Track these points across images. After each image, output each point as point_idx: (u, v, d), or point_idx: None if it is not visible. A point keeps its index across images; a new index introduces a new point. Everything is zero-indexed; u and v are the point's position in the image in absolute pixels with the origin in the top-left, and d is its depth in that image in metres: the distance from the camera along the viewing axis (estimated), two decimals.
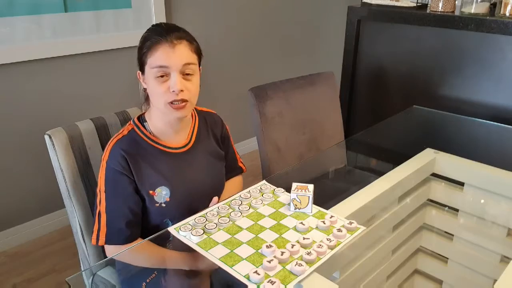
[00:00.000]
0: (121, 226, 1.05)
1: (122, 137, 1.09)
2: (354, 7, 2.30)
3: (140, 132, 1.11)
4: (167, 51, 1.03)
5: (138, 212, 1.09)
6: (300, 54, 3.35)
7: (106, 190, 1.06)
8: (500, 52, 1.87)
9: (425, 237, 1.49)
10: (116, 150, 1.07)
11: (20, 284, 1.92)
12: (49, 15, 2.00)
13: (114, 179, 1.06)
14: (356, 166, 1.68)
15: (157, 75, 1.04)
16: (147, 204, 1.09)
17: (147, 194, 1.09)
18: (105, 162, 1.06)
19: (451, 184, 1.40)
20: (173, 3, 2.45)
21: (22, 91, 2.03)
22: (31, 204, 2.19)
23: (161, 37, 1.03)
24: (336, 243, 0.93)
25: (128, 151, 1.07)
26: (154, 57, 1.03)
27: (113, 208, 1.06)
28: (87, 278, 1.02)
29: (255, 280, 0.82)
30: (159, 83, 1.04)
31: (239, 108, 2.74)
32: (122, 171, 1.06)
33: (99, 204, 1.06)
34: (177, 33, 1.05)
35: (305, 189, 1.04)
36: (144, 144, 1.11)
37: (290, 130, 1.76)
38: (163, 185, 1.10)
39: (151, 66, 1.04)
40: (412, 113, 1.92)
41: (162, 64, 1.03)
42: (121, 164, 1.06)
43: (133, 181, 1.07)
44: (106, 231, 1.05)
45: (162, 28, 1.06)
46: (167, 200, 1.10)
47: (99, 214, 1.06)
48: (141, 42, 1.07)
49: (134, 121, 1.13)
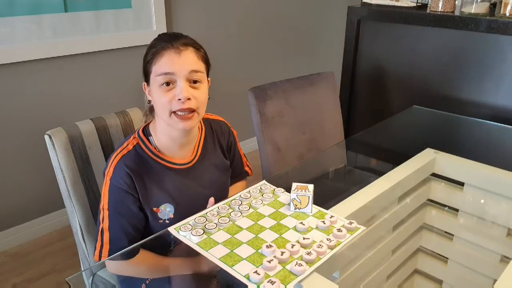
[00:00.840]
0: (124, 244, 1.03)
1: (127, 153, 1.05)
2: (354, 7, 2.30)
3: (145, 147, 1.08)
4: (172, 57, 0.99)
5: (141, 230, 1.07)
6: (300, 54, 3.35)
7: (109, 209, 1.03)
8: (500, 52, 1.87)
9: (425, 237, 1.49)
10: (120, 167, 1.03)
11: (20, 284, 1.92)
12: (49, 15, 2.00)
13: (118, 197, 1.03)
14: (356, 166, 1.68)
15: (162, 82, 0.99)
16: (150, 220, 1.08)
17: (150, 211, 1.07)
18: (109, 179, 1.03)
19: (451, 184, 1.40)
20: (173, 3, 2.45)
21: (22, 91, 2.03)
22: (31, 204, 2.19)
23: (166, 43, 1.00)
24: (336, 243, 0.93)
25: (133, 168, 1.04)
26: (158, 64, 0.99)
27: (116, 227, 1.03)
28: (87, 278, 1.02)
29: (255, 280, 0.82)
30: (164, 92, 1.00)
31: (239, 108, 2.74)
32: (126, 189, 1.03)
33: (101, 222, 1.04)
34: (183, 39, 1.02)
35: (305, 189, 1.04)
36: (149, 160, 1.07)
37: (290, 130, 1.76)
38: (167, 202, 1.08)
39: (156, 74, 1.00)
40: (412, 113, 1.92)
41: (167, 71, 0.99)
42: (126, 182, 1.02)
43: (138, 199, 1.05)
44: (108, 248, 1.03)
45: (167, 35, 1.03)
46: (171, 217, 1.08)
47: (102, 232, 1.04)
48: (146, 51, 1.04)
49: (139, 134, 1.09)
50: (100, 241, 1.04)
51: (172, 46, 1.00)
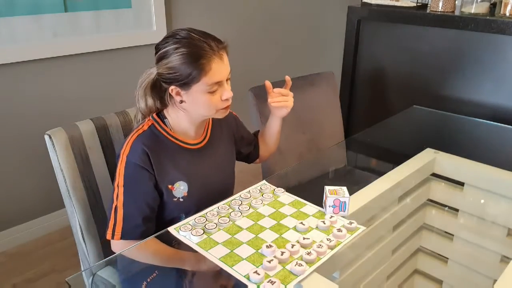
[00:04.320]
0: (138, 222, 1.05)
1: (143, 132, 1.09)
2: (354, 7, 2.30)
3: (160, 128, 1.11)
4: (219, 66, 1.03)
5: (155, 208, 1.09)
6: (300, 54, 3.35)
7: (125, 185, 1.05)
8: (500, 52, 1.87)
9: (425, 237, 1.49)
10: (137, 144, 1.06)
11: (20, 284, 1.92)
12: (49, 15, 2.00)
13: (134, 174, 1.05)
14: (356, 166, 1.68)
15: (212, 90, 1.04)
16: (165, 198, 1.10)
17: (166, 188, 1.09)
18: (126, 157, 1.05)
19: (451, 184, 1.40)
20: (173, 3, 2.45)
21: (22, 91, 2.03)
22: (31, 204, 2.19)
23: (210, 50, 1.02)
24: (336, 243, 0.93)
25: (150, 145, 1.07)
26: (209, 76, 1.02)
27: (131, 203, 1.05)
28: (87, 278, 1.02)
29: (255, 280, 0.82)
30: (211, 96, 1.05)
31: (239, 108, 2.73)
32: (143, 165, 1.05)
33: (116, 199, 1.06)
34: (216, 42, 1.05)
35: (339, 192, 1.04)
36: (164, 140, 1.11)
37: (290, 130, 1.76)
38: (182, 180, 1.11)
39: (207, 84, 1.03)
40: (412, 113, 1.92)
41: (218, 80, 1.04)
42: (142, 158, 1.05)
43: (153, 176, 1.07)
44: (122, 226, 1.04)
45: (203, 40, 1.03)
46: (185, 195, 1.11)
47: (116, 209, 1.05)
48: (183, 60, 1.01)
49: (154, 117, 1.13)
50: (114, 219, 1.05)
51: (214, 53, 1.02)
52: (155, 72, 1.06)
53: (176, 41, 1.03)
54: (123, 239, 1.06)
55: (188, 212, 1.12)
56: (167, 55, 1.03)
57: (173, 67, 1.02)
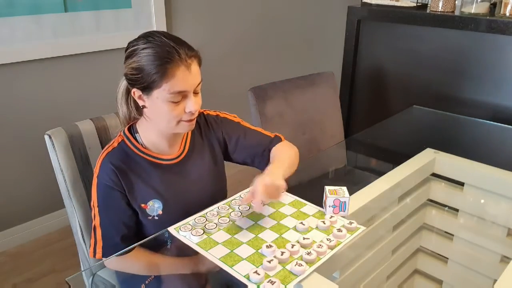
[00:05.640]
0: (116, 241, 1.03)
1: (112, 150, 1.06)
2: (354, 7, 2.30)
3: (130, 144, 1.07)
4: (185, 75, 0.96)
5: (132, 226, 1.07)
6: (300, 54, 3.35)
7: (99, 206, 1.04)
8: (500, 52, 1.87)
9: (425, 237, 1.49)
10: (106, 164, 1.03)
11: (20, 284, 1.92)
12: (49, 15, 2.00)
13: (106, 194, 1.04)
14: (356, 166, 1.68)
15: (174, 100, 0.97)
16: (140, 217, 1.08)
17: (138, 207, 1.06)
18: (96, 177, 1.04)
19: (451, 184, 1.40)
20: (173, 3, 2.45)
21: (22, 91, 2.03)
22: (31, 204, 2.19)
23: (177, 56, 0.95)
24: (336, 243, 0.93)
25: (118, 165, 1.03)
26: (172, 83, 0.95)
27: (107, 223, 1.04)
28: (87, 278, 1.02)
29: (255, 280, 0.82)
30: (174, 107, 0.98)
31: (239, 108, 2.73)
32: (113, 186, 1.03)
33: (93, 219, 1.05)
34: (187, 50, 0.98)
35: (339, 192, 1.04)
36: (134, 157, 1.07)
37: (290, 130, 1.76)
38: (155, 198, 1.07)
39: (169, 92, 0.96)
40: (412, 113, 1.92)
41: (182, 90, 0.97)
42: (112, 178, 1.03)
43: (125, 195, 1.05)
44: (102, 245, 1.04)
45: (173, 46, 0.96)
46: (160, 213, 1.08)
47: (95, 229, 1.04)
48: (148, 61, 0.96)
49: (125, 132, 1.09)
50: (94, 238, 1.05)
51: (181, 60, 0.96)
52: None
53: (146, 41, 0.99)
54: (104, 257, 1.04)
55: None
56: (133, 54, 1.00)
57: (135, 67, 0.98)
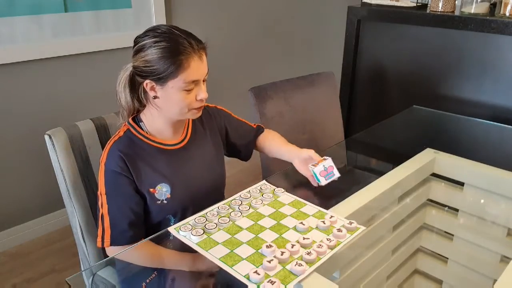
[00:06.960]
0: (124, 227, 1.05)
1: (118, 139, 1.09)
2: (354, 7, 2.30)
3: (135, 131, 1.11)
4: (198, 64, 1.02)
5: (140, 212, 1.09)
6: (300, 54, 3.35)
7: (107, 192, 1.06)
8: (500, 52, 1.87)
9: (425, 237, 1.49)
10: (113, 151, 1.07)
11: (20, 284, 1.92)
12: (49, 15, 2.00)
13: (114, 180, 1.06)
14: (356, 166, 1.68)
15: (188, 88, 1.03)
16: (148, 202, 1.10)
17: (147, 192, 1.09)
18: (104, 164, 1.06)
19: (451, 184, 1.40)
20: (173, 3, 2.45)
21: (22, 91, 2.03)
22: (31, 204, 2.19)
23: (190, 48, 1.01)
24: (336, 243, 0.93)
25: (126, 151, 1.07)
26: (187, 73, 1.01)
27: (115, 209, 1.05)
28: (87, 278, 1.02)
29: (255, 280, 0.82)
30: (186, 95, 1.04)
31: (239, 108, 2.73)
32: (121, 172, 1.05)
33: (101, 207, 1.06)
34: (198, 42, 1.04)
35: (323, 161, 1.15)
36: (140, 143, 1.11)
37: (290, 130, 1.76)
38: (163, 182, 1.10)
39: (184, 81, 1.01)
40: (412, 113, 1.92)
41: (196, 79, 1.03)
42: (120, 165, 1.05)
43: (133, 181, 1.07)
44: (110, 233, 1.05)
45: (184, 37, 1.02)
46: (168, 196, 1.10)
47: (102, 217, 1.06)
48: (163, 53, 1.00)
49: (129, 121, 1.13)
50: (101, 227, 1.06)
51: (194, 51, 1.01)
52: (131, 66, 1.07)
53: (156, 35, 1.02)
54: (112, 246, 1.06)
55: (175, 214, 1.12)
56: (145, 48, 1.03)
57: (150, 60, 1.01)
